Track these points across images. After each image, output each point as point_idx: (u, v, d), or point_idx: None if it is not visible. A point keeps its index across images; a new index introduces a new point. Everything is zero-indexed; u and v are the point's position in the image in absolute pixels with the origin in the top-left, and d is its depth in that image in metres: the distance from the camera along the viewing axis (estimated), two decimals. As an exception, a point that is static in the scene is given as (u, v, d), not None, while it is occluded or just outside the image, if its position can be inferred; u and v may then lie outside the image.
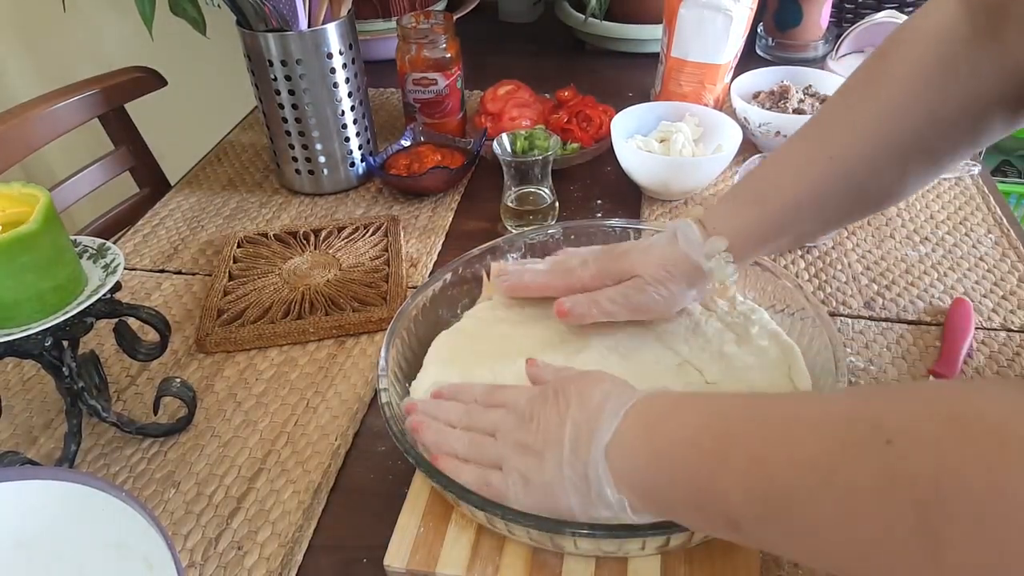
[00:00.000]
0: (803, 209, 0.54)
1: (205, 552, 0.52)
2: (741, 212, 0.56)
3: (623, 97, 1.07)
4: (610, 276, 0.58)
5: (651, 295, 0.56)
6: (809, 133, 0.55)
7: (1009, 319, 0.68)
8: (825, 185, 0.53)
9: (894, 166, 0.52)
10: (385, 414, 0.52)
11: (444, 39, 0.93)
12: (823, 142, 0.53)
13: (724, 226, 0.55)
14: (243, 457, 0.58)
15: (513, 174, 0.79)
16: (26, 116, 0.96)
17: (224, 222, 0.88)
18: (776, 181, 0.55)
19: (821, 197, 0.53)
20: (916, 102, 0.50)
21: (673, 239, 0.57)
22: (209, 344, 0.68)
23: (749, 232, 0.55)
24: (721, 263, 0.55)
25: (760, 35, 1.19)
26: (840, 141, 0.52)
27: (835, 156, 0.52)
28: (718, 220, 0.56)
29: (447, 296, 0.65)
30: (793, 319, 0.60)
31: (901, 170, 0.52)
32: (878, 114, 0.51)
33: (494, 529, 0.48)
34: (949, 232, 0.79)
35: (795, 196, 0.54)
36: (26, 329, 0.49)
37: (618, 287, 0.57)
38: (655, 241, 0.58)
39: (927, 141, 0.51)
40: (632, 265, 0.57)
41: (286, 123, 0.86)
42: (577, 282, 0.59)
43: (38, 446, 0.60)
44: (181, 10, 0.94)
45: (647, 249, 0.57)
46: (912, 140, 0.50)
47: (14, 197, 0.51)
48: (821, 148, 0.53)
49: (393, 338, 0.58)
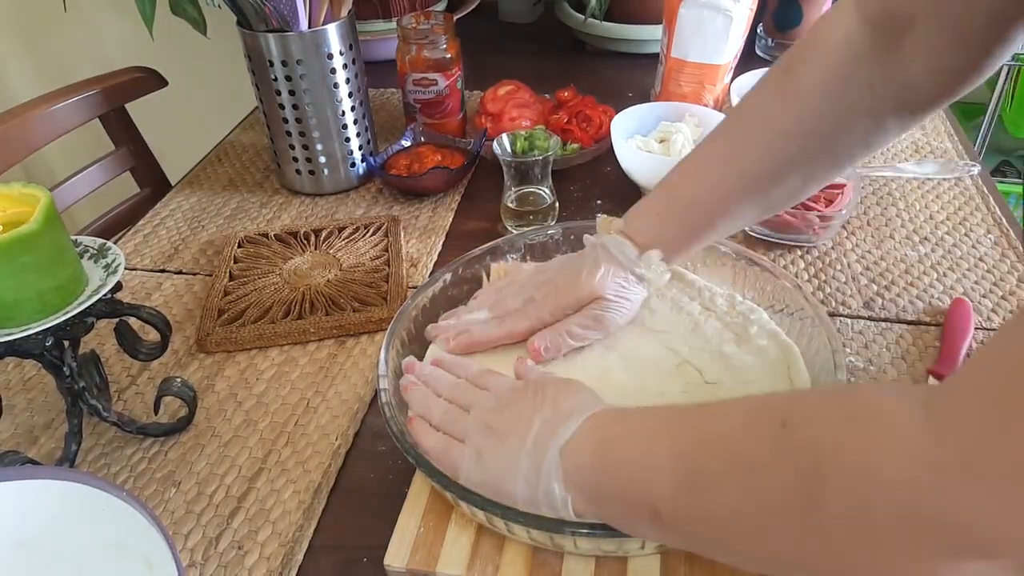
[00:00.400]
0: (718, 219, 0.59)
1: (206, 552, 0.52)
2: (664, 225, 0.60)
3: (623, 97, 1.07)
4: (569, 306, 0.60)
5: (615, 309, 0.60)
6: (721, 145, 0.59)
7: (1008, 319, 0.68)
8: (739, 198, 0.57)
9: (798, 175, 0.56)
10: (385, 414, 0.52)
11: (444, 39, 0.93)
12: (735, 156, 0.57)
13: (650, 238, 0.60)
14: (244, 457, 0.58)
15: (513, 174, 0.79)
16: (27, 116, 0.96)
17: (225, 222, 0.88)
18: (694, 197, 0.59)
19: (734, 209, 0.58)
20: (821, 116, 0.53)
21: (609, 256, 0.60)
22: (210, 344, 0.68)
23: (674, 244, 0.60)
24: (658, 272, 0.60)
25: (760, 35, 1.19)
26: (753, 157, 0.56)
27: (746, 171, 0.56)
28: (643, 233, 0.60)
29: (447, 296, 0.65)
30: (792, 319, 0.60)
31: (805, 175, 0.56)
32: (785, 129, 0.54)
33: (494, 528, 0.48)
34: (948, 232, 0.79)
35: (712, 211, 0.59)
36: (27, 329, 0.49)
37: (584, 312, 0.60)
38: (595, 258, 0.60)
39: (829, 150, 0.54)
40: (591, 289, 0.59)
41: (286, 123, 0.86)
42: (539, 323, 0.60)
43: (39, 446, 0.60)
44: (181, 10, 0.94)
45: (593, 270, 0.60)
46: (816, 149, 0.54)
47: (15, 197, 0.51)
48: (734, 163, 0.57)
49: (393, 338, 0.58)
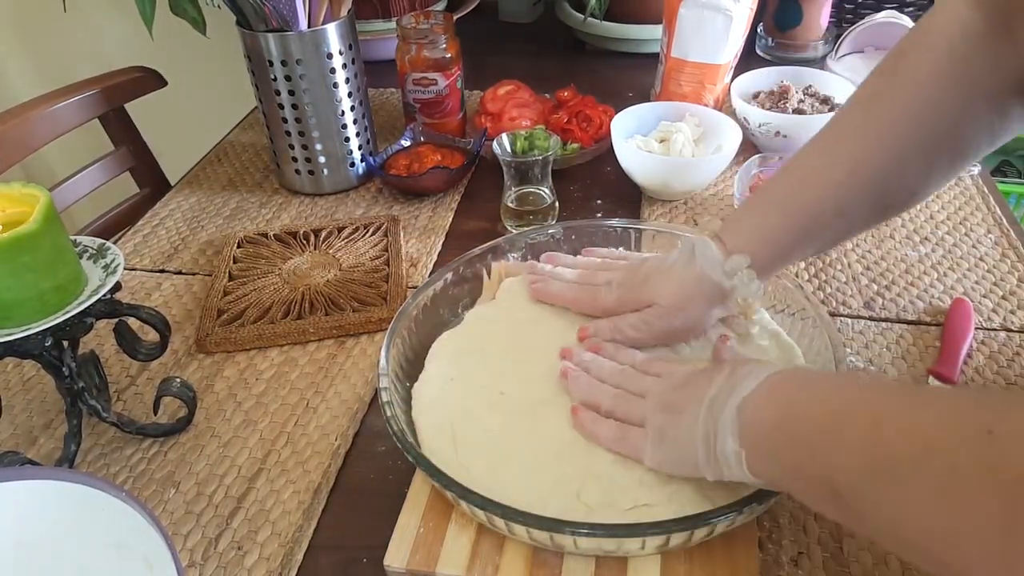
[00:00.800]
0: (826, 218, 0.53)
1: (205, 552, 0.52)
2: (762, 225, 0.54)
3: (623, 97, 1.07)
4: (632, 303, 0.57)
5: (671, 322, 0.56)
6: (827, 140, 0.54)
7: (1009, 319, 0.68)
8: (849, 192, 0.52)
9: (919, 166, 0.51)
10: (386, 413, 0.52)
11: (444, 39, 0.93)
12: (844, 149, 0.52)
13: (744, 241, 0.54)
14: (243, 457, 0.58)
15: (513, 174, 0.79)
16: (26, 116, 0.96)
17: (224, 222, 0.88)
18: (797, 191, 0.53)
19: (845, 205, 0.52)
20: (938, 101, 0.49)
21: (691, 259, 0.55)
22: (209, 344, 0.68)
23: (771, 246, 0.54)
24: (744, 280, 0.54)
25: (760, 35, 1.19)
26: (864, 146, 0.51)
27: (859, 161, 0.51)
28: (737, 234, 0.54)
29: (448, 296, 0.65)
30: (793, 319, 0.60)
31: (926, 169, 0.52)
32: (901, 115, 0.50)
33: (494, 528, 0.48)
34: (949, 232, 0.79)
35: (818, 205, 0.52)
36: (26, 329, 0.49)
37: (639, 314, 0.57)
38: (674, 262, 0.57)
39: (950, 138, 0.50)
40: (652, 293, 0.56)
41: (286, 123, 0.86)
42: (600, 304, 0.59)
43: (38, 446, 0.60)
44: (181, 10, 0.94)
45: (667, 273, 0.56)
46: (936, 139, 0.50)
47: (14, 197, 0.51)
48: (843, 155, 0.52)
49: (394, 338, 0.58)
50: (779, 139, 0.89)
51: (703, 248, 0.55)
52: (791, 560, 0.49)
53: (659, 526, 0.44)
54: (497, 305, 0.65)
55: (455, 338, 0.61)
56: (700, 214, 0.84)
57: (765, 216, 0.55)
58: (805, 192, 0.53)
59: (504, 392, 0.56)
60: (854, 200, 0.52)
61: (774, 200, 0.55)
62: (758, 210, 0.56)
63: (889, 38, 1.03)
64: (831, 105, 0.92)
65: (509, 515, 0.45)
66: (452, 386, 0.56)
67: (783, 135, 0.88)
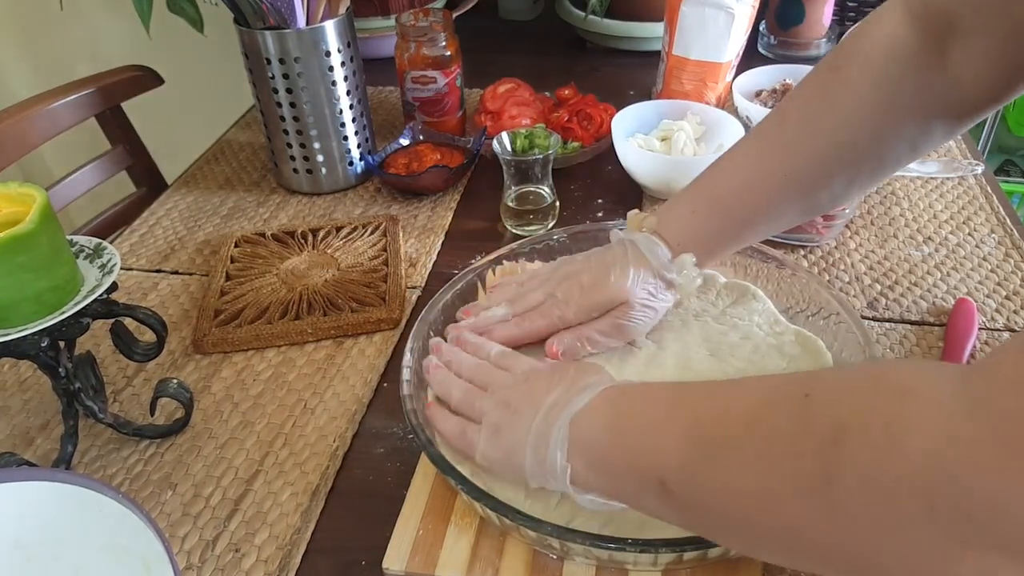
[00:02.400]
0: (758, 223, 0.57)
1: (202, 554, 0.51)
2: (702, 225, 0.57)
3: (624, 95, 1.07)
4: (594, 307, 0.58)
5: (640, 318, 0.58)
6: (764, 147, 0.56)
7: (1012, 319, 0.67)
8: (781, 202, 0.55)
9: (845, 178, 0.54)
10: (406, 406, 0.52)
11: (443, 37, 0.92)
12: (780, 161, 0.55)
13: (685, 238, 0.57)
14: (240, 459, 0.58)
15: (513, 173, 0.79)
16: (23, 115, 0.96)
17: (221, 222, 0.87)
18: (736, 195, 0.56)
19: (775, 213, 0.56)
20: (870, 117, 0.52)
21: (639, 256, 0.57)
22: (206, 345, 0.67)
23: (710, 244, 0.57)
24: (690, 277, 0.57)
25: (762, 33, 1.19)
26: (798, 161, 0.54)
27: (792, 171, 0.54)
28: (678, 233, 0.57)
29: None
30: (814, 319, 0.60)
31: (850, 180, 0.55)
32: (834, 134, 0.53)
33: (522, 539, 0.48)
34: (952, 232, 0.78)
35: (753, 212, 0.56)
36: (22, 330, 0.49)
37: (606, 319, 0.57)
38: (619, 262, 0.57)
39: (876, 153, 0.53)
40: (615, 293, 0.57)
41: (284, 122, 0.86)
42: (560, 323, 0.59)
43: (35, 447, 0.60)
44: (179, 8, 0.94)
45: (619, 273, 0.57)
46: (863, 152, 0.53)
47: (11, 196, 0.51)
48: (779, 167, 0.55)
49: (422, 325, 0.59)
50: (780, 138, 0.89)
51: (650, 246, 0.57)
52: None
53: (652, 544, 0.43)
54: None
55: None
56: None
57: (704, 218, 0.57)
58: (743, 199, 0.56)
59: None
60: (783, 208, 0.56)
61: (714, 202, 0.57)
62: (697, 210, 0.58)
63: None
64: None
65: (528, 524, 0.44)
66: None
67: (784, 134, 0.88)
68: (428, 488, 0.52)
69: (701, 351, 0.59)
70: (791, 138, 0.55)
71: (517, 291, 0.61)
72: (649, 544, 0.43)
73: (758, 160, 0.56)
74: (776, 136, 0.56)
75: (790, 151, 0.54)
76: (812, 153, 0.54)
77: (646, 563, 0.45)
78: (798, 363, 0.57)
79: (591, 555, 0.46)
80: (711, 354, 0.58)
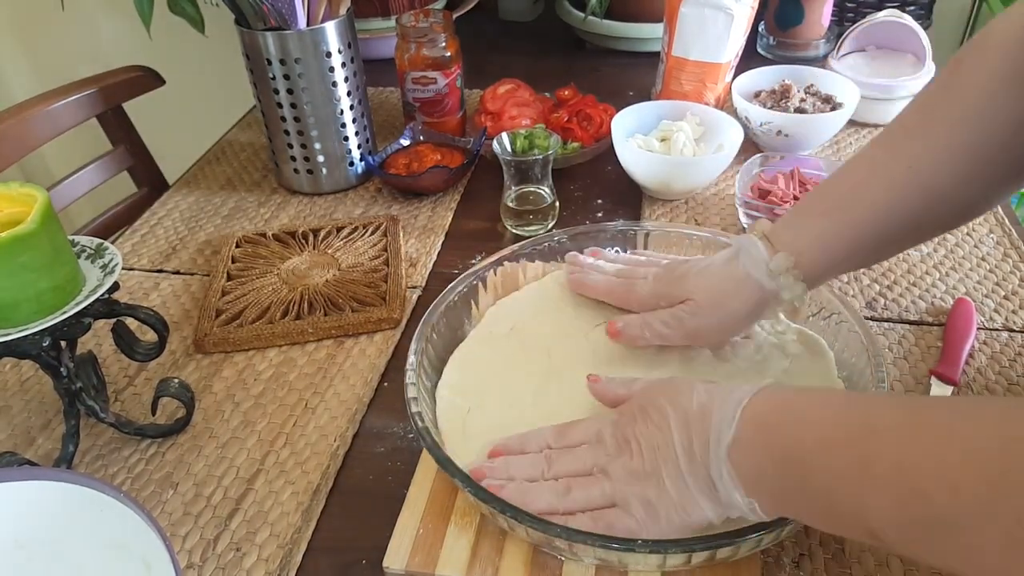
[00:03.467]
0: (880, 223, 0.50)
1: (203, 553, 0.51)
2: (811, 226, 0.51)
3: (624, 96, 1.07)
4: (666, 298, 0.55)
5: (704, 320, 0.53)
6: (883, 143, 0.51)
7: (1011, 319, 0.67)
8: (904, 196, 0.49)
9: (977, 176, 0.49)
10: (410, 409, 0.52)
11: (443, 38, 0.92)
12: (899, 152, 0.49)
13: (793, 241, 0.51)
14: (241, 458, 0.58)
15: (513, 173, 0.79)
16: (24, 115, 0.96)
17: (222, 222, 0.87)
18: (849, 192, 0.51)
19: (900, 210, 0.49)
20: (995, 107, 0.47)
21: (734, 257, 0.53)
22: (207, 344, 0.68)
23: (821, 248, 0.51)
24: (790, 281, 0.51)
25: (761, 34, 1.19)
26: (918, 150, 0.49)
27: (913, 166, 0.48)
28: (786, 235, 0.52)
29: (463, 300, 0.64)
30: (814, 319, 0.60)
31: (985, 180, 0.49)
32: (957, 120, 0.48)
33: (505, 527, 0.48)
34: (951, 232, 0.79)
35: (871, 208, 0.49)
36: (24, 329, 0.49)
37: (671, 309, 0.55)
38: (715, 260, 0.55)
39: (1009, 148, 0.48)
40: (688, 287, 0.54)
41: (285, 122, 0.86)
42: (635, 297, 0.57)
43: (36, 447, 0.60)
44: (180, 9, 0.94)
45: (705, 270, 0.54)
46: (993, 147, 0.47)
47: (12, 197, 0.51)
48: (897, 157, 0.49)
49: (424, 328, 0.58)
50: (780, 138, 0.89)
51: (748, 246, 0.52)
52: (792, 562, 0.49)
53: (661, 543, 0.43)
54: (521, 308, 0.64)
55: (472, 354, 0.60)
56: (701, 213, 0.84)
57: (815, 218, 0.51)
58: (858, 195, 0.50)
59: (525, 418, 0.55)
60: (909, 207, 0.49)
61: (826, 202, 0.52)
62: (808, 212, 0.52)
63: (890, 37, 1.03)
64: (832, 104, 0.91)
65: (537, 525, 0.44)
66: (470, 417, 0.55)
67: (784, 134, 0.88)
68: (428, 487, 0.52)
69: (703, 350, 0.59)
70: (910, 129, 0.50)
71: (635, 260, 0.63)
72: (659, 545, 0.43)
73: (875, 158, 0.50)
74: (895, 133, 0.51)
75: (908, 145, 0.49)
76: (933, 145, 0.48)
77: (654, 564, 0.45)
78: (801, 362, 0.57)
79: (598, 556, 0.45)
80: (713, 353, 0.59)
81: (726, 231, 0.78)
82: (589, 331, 0.61)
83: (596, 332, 0.61)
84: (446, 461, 0.48)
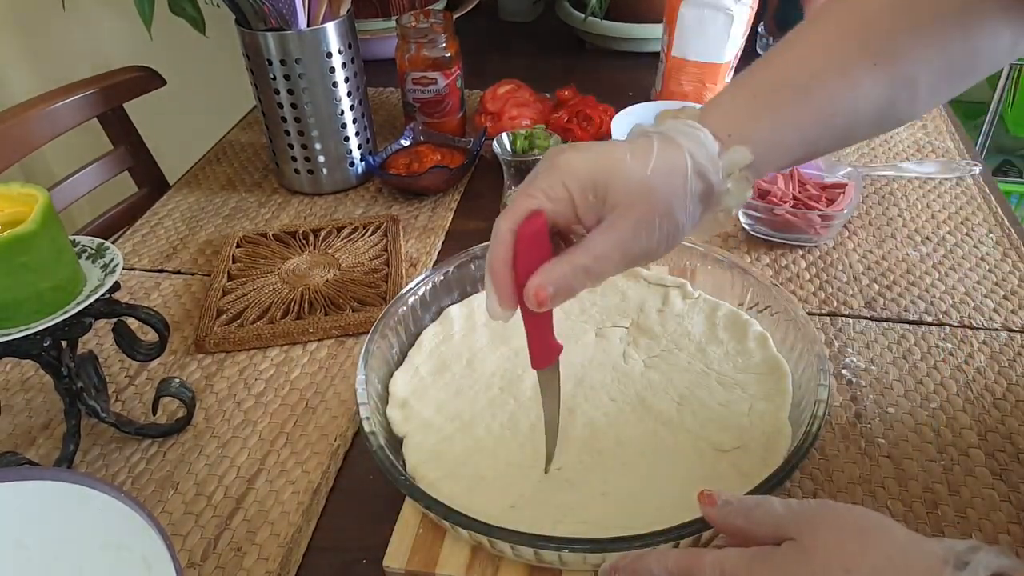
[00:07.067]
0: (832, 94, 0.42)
1: (204, 553, 0.51)
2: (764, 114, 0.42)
3: (624, 96, 1.07)
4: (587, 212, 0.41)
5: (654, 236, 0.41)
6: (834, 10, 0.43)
7: (1010, 319, 0.67)
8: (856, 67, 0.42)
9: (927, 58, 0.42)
10: (371, 444, 0.50)
11: (444, 38, 0.92)
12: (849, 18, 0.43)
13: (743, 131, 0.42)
14: (242, 458, 0.58)
15: (513, 173, 0.79)
16: (25, 116, 0.96)
17: (223, 222, 0.87)
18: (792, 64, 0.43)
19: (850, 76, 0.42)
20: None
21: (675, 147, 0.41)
22: (208, 344, 0.68)
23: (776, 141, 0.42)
24: (741, 184, 0.42)
25: (761, 34, 1.19)
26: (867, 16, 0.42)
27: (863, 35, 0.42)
28: (733, 123, 0.42)
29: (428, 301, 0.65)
30: (762, 314, 0.62)
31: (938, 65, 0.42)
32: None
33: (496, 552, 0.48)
34: (950, 232, 0.79)
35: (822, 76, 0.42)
36: (25, 329, 0.49)
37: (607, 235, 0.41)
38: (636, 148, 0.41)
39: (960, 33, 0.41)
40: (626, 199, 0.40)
41: (285, 122, 0.86)
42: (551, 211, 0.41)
43: (37, 446, 0.60)
44: (180, 9, 0.94)
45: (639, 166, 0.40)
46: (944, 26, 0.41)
47: (13, 197, 0.51)
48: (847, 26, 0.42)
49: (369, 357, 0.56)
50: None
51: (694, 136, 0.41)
52: None
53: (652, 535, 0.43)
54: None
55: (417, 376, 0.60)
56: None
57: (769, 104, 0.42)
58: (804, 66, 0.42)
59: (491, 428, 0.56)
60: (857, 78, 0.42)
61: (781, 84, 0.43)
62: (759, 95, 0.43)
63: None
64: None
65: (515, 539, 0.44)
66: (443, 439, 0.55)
67: (784, 134, 0.88)
68: (428, 487, 0.52)
69: (670, 395, 0.57)
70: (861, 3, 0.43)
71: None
72: (649, 538, 0.43)
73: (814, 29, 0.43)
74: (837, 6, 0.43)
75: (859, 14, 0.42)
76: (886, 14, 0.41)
77: None
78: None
79: (588, 562, 0.45)
80: (679, 403, 0.56)
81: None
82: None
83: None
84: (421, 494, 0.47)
